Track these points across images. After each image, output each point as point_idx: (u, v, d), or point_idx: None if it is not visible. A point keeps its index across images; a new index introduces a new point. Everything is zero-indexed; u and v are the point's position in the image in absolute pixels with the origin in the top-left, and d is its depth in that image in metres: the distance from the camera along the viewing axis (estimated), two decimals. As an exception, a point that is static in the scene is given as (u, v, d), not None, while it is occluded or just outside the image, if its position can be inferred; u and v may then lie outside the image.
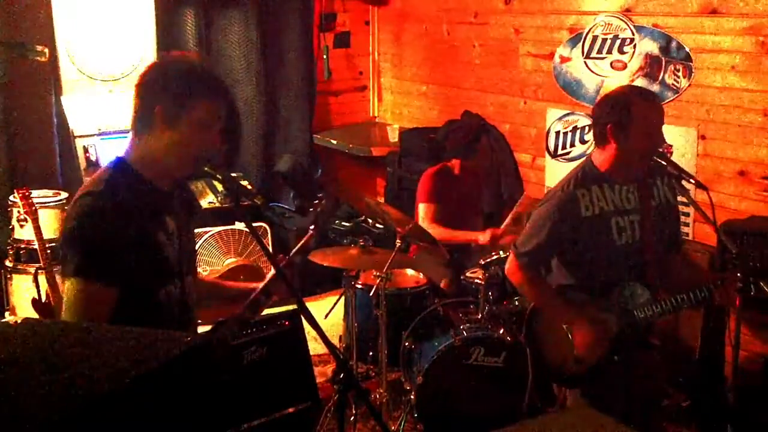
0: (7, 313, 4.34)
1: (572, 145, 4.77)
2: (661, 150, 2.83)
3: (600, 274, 2.83)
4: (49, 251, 3.85)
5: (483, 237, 4.07)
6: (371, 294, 3.64)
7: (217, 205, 4.81)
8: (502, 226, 4.15)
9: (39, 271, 3.92)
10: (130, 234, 1.94)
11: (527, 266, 2.86)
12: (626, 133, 2.69)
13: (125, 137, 4.77)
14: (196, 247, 2.28)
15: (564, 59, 4.73)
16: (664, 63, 4.19)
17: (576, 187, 2.78)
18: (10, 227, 4.25)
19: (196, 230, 4.78)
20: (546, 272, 2.95)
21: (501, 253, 3.67)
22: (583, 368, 2.84)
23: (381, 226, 5.30)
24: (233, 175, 4.56)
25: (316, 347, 3.56)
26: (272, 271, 2.24)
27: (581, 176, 2.80)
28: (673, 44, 4.13)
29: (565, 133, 4.80)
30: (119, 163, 2.05)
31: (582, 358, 2.83)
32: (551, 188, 2.95)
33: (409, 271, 4.19)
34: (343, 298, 4.21)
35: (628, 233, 2.80)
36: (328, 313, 4.51)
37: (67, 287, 1.94)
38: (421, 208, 4.25)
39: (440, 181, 4.27)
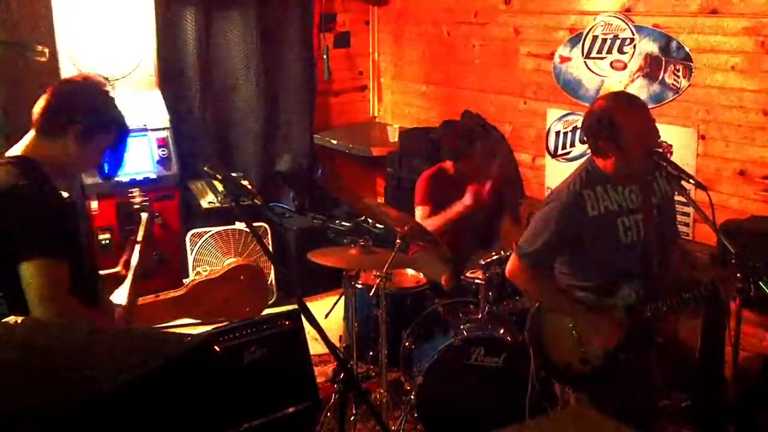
0: None
1: (572, 145, 4.76)
2: (660, 150, 2.83)
3: (606, 272, 2.83)
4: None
5: (466, 199, 4.08)
6: (371, 294, 3.64)
7: (217, 205, 4.81)
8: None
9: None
10: (61, 214, 2.19)
11: (531, 266, 2.85)
12: (619, 143, 2.69)
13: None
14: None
15: (564, 59, 4.73)
16: (664, 63, 4.19)
17: (582, 187, 2.79)
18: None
19: (196, 230, 4.85)
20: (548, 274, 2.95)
21: (501, 252, 3.67)
22: (589, 368, 2.84)
23: (381, 226, 5.30)
24: (233, 174, 4.56)
25: (316, 347, 3.58)
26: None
27: (586, 177, 2.81)
28: (673, 44, 4.13)
29: (565, 133, 4.80)
30: (22, 160, 2.30)
31: (588, 358, 2.83)
32: (555, 188, 2.94)
33: (409, 271, 4.19)
34: (343, 298, 4.21)
35: (634, 232, 2.81)
36: (329, 312, 4.51)
37: (29, 270, 2.05)
38: (417, 211, 4.26)
39: (435, 183, 4.28)
